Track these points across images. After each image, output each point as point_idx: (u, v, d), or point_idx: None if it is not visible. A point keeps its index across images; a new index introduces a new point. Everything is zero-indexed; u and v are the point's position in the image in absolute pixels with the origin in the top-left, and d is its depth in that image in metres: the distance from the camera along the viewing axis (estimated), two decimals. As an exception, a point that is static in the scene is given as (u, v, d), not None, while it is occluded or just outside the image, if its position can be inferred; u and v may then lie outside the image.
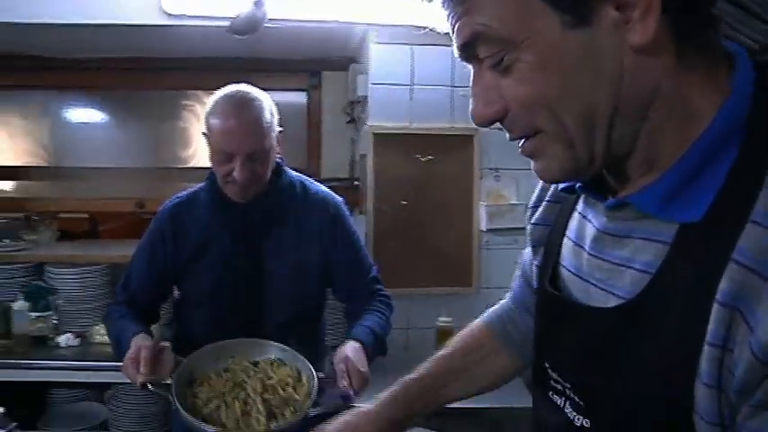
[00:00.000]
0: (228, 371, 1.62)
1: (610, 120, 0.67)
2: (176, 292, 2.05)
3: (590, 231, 0.81)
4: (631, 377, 0.70)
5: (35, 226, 3.35)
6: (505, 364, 1.27)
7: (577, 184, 0.81)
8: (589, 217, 0.83)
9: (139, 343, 1.63)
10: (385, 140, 2.89)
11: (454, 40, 0.71)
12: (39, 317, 2.91)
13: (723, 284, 0.60)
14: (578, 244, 0.85)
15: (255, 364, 1.65)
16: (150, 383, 1.55)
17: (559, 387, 0.84)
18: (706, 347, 0.61)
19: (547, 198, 0.98)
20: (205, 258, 1.87)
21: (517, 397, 2.03)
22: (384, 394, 1.25)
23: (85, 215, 3.66)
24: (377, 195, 2.90)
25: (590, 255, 0.80)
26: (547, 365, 0.88)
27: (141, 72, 3.46)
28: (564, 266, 0.88)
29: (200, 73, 3.43)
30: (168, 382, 1.55)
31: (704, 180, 0.65)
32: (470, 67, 0.73)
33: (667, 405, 0.66)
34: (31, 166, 3.65)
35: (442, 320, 2.71)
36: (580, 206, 0.87)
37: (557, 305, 0.87)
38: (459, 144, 2.91)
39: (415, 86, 2.88)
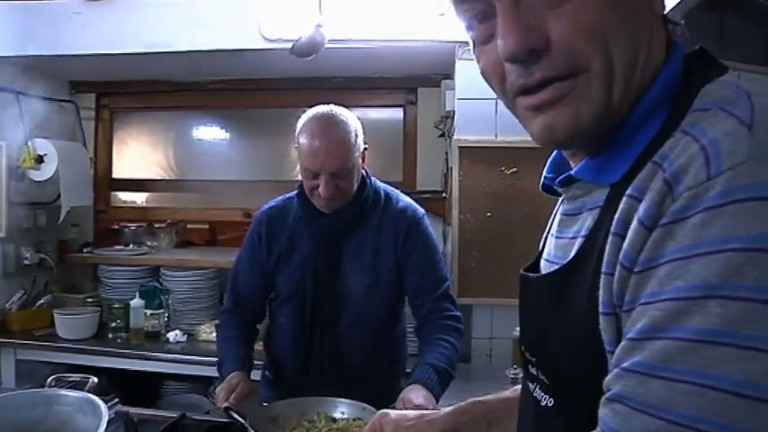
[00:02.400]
0: (310, 421, 1.73)
1: (644, 59, 0.68)
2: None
3: (557, 219, 0.86)
4: (568, 334, 0.71)
5: (157, 233, 3.71)
6: None
7: (542, 182, 0.85)
8: (559, 208, 0.87)
9: (234, 380, 1.87)
10: (470, 153, 2.97)
11: None
12: (152, 314, 3.22)
13: (616, 218, 0.63)
14: (551, 234, 0.89)
15: (334, 420, 1.75)
16: (231, 409, 1.77)
17: (533, 371, 0.86)
18: (602, 278, 0.64)
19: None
20: (291, 259, 2.02)
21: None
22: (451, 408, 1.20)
23: (206, 225, 4.00)
24: (462, 207, 2.98)
25: (555, 238, 0.85)
26: (523, 349, 0.90)
27: (256, 92, 3.75)
28: (543, 258, 0.91)
29: (309, 91, 3.66)
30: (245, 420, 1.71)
31: (632, 144, 0.68)
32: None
33: (593, 355, 0.66)
34: (158, 180, 4.04)
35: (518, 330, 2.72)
36: (558, 206, 0.91)
37: (522, 285, 0.90)
38: (542, 157, 2.91)
39: (500, 100, 2.93)
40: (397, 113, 3.71)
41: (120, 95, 3.94)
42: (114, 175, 4.03)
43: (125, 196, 4.08)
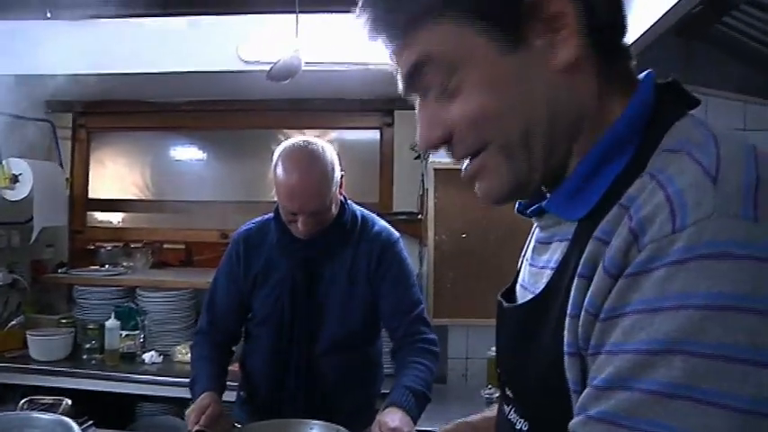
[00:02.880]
0: None
1: (545, 134, 0.71)
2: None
3: (532, 245, 0.89)
4: (535, 367, 0.74)
5: (133, 254, 3.69)
6: None
7: (517, 206, 0.86)
8: (534, 233, 0.90)
9: (205, 401, 1.85)
10: (446, 175, 3.01)
11: (399, 73, 0.77)
12: (128, 335, 3.20)
13: (583, 259, 0.65)
14: (526, 260, 0.91)
15: None
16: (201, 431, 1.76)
17: (508, 393, 0.88)
18: (567, 319, 0.66)
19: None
20: (268, 281, 2.03)
21: None
22: None
23: (182, 246, 3.99)
24: (437, 227, 3.02)
25: (529, 266, 0.87)
26: (499, 371, 0.93)
27: (232, 113, 3.76)
28: (519, 283, 0.93)
29: (286, 113, 3.70)
30: None
31: (598, 180, 0.70)
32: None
33: (558, 384, 0.68)
34: (134, 200, 4.04)
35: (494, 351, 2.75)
36: (533, 231, 0.93)
37: (499, 311, 0.92)
38: (517, 179, 2.97)
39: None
40: (374, 135, 3.74)
41: (97, 115, 3.93)
42: (90, 195, 4.01)
43: (101, 216, 4.06)
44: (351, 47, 2.84)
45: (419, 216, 3.31)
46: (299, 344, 2.00)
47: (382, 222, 2.13)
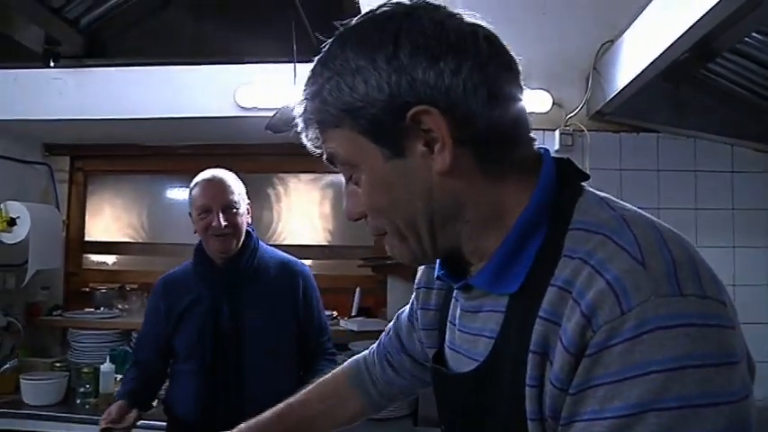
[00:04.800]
0: None
1: (429, 224, 0.82)
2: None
3: (458, 311, 0.95)
4: (492, 426, 0.83)
5: (128, 296, 3.69)
6: (355, 409, 1.35)
7: (437, 273, 0.95)
8: (458, 299, 0.96)
9: (112, 407, 2.11)
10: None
11: None
12: (123, 379, 3.17)
13: (533, 337, 0.74)
14: (453, 323, 0.98)
15: None
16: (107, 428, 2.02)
17: None
18: (527, 389, 0.75)
19: (432, 285, 1.11)
20: (193, 314, 2.23)
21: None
22: None
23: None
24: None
25: (459, 331, 0.94)
26: (443, 428, 1.00)
27: (229, 157, 3.77)
28: (447, 345, 1.00)
29: (283, 157, 3.74)
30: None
31: (520, 258, 0.79)
32: None
33: None
34: (130, 242, 4.05)
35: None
36: (454, 292, 0.99)
37: (437, 376, 0.99)
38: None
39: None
40: (369, 179, 3.76)
41: (93, 159, 3.98)
42: (87, 238, 4.03)
43: (97, 258, 4.07)
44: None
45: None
46: (226, 372, 2.17)
47: (289, 256, 2.42)
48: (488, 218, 0.82)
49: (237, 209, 2.22)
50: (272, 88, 2.95)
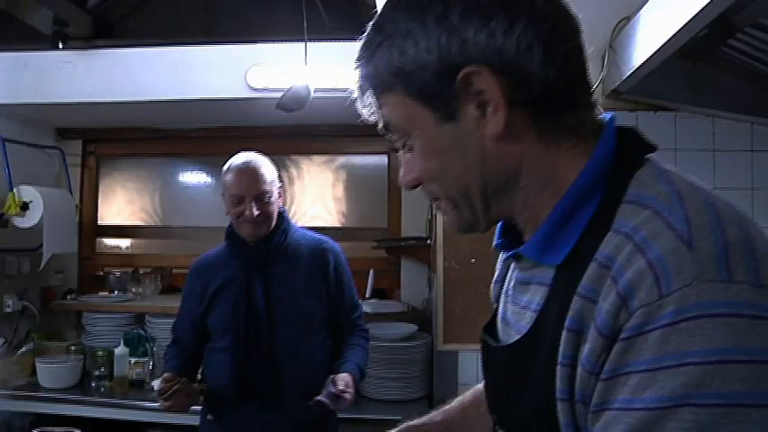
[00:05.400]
0: None
1: (482, 191, 0.80)
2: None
3: (512, 283, 0.93)
4: (525, 408, 0.79)
5: (142, 279, 3.70)
6: None
7: (494, 243, 0.93)
8: (514, 271, 0.94)
9: (162, 378, 2.17)
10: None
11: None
12: (137, 362, 3.20)
13: (569, 314, 0.70)
14: (507, 294, 0.96)
15: None
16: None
17: (496, 427, 0.93)
18: (558, 368, 0.71)
19: (502, 259, 1.08)
20: (226, 292, 2.25)
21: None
22: None
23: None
24: (447, 253, 3.00)
25: (510, 303, 0.92)
26: (489, 406, 0.96)
27: (241, 139, 3.76)
28: (499, 317, 0.98)
29: (295, 139, 3.72)
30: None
31: (570, 228, 0.75)
32: None
33: (548, 422, 0.74)
34: (144, 226, 4.05)
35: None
36: (511, 265, 0.97)
37: (483, 347, 0.97)
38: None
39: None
40: (382, 160, 3.76)
41: (106, 142, 3.97)
42: (100, 222, 4.03)
43: (110, 242, 4.08)
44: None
45: (428, 242, 3.31)
46: (260, 344, 2.19)
47: (322, 235, 2.46)
48: (543, 185, 0.78)
49: (270, 197, 2.21)
50: (283, 68, 2.92)
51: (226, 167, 2.26)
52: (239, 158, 2.26)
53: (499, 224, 0.92)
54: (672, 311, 0.60)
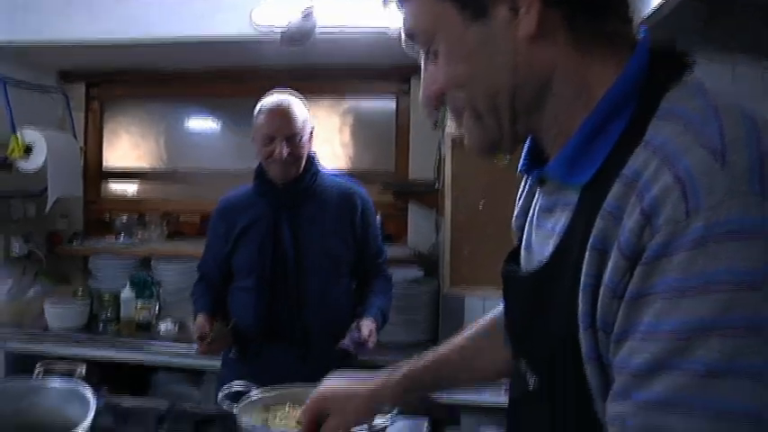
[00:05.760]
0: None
1: (511, 98, 0.75)
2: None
3: (537, 210, 0.89)
4: (548, 336, 0.76)
5: (148, 224, 3.68)
6: (505, 357, 1.17)
7: (519, 168, 0.89)
8: (538, 199, 0.90)
9: (199, 322, 2.19)
10: (463, 144, 2.94)
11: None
12: (143, 305, 3.20)
13: (594, 232, 0.66)
14: (531, 222, 0.92)
15: None
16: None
17: (517, 358, 0.89)
18: (581, 291, 0.68)
19: (524, 190, 1.04)
20: (253, 232, 2.24)
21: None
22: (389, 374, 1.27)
23: (197, 216, 3.95)
24: (454, 197, 2.97)
25: (535, 230, 0.88)
26: (510, 335, 0.94)
27: (246, 81, 3.70)
28: (523, 246, 0.94)
29: (301, 81, 3.63)
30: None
31: (597, 145, 0.71)
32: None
33: (572, 351, 0.70)
34: (149, 170, 4.01)
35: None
36: (537, 192, 0.93)
37: (505, 277, 0.94)
38: (535, 146, 2.92)
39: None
40: (390, 103, 3.68)
41: (109, 85, 3.90)
42: (104, 166, 3.99)
43: (116, 187, 4.05)
44: (366, 11, 2.77)
45: (436, 186, 3.27)
46: (286, 287, 2.18)
47: (351, 181, 2.45)
48: (575, 95, 0.74)
49: (302, 138, 2.18)
50: (289, 6, 2.83)
51: (258, 107, 2.23)
52: (272, 99, 2.22)
53: (526, 146, 0.88)
54: (699, 228, 0.57)
